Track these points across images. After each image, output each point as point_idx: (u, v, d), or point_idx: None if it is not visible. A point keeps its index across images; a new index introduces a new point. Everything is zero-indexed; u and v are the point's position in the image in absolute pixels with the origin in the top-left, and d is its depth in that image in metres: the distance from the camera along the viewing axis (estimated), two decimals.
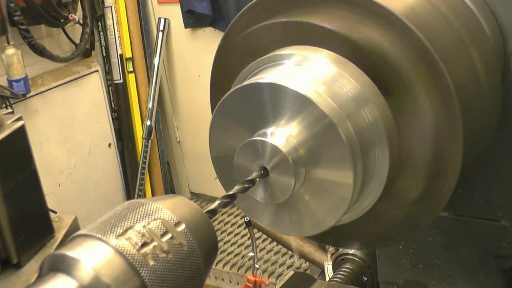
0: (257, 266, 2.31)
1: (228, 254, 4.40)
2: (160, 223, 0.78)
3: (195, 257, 0.79)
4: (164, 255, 0.76)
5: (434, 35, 1.06)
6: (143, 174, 4.87)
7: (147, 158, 4.90)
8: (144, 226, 0.77)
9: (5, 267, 1.74)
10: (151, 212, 0.80)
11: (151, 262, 0.75)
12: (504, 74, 1.29)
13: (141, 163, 4.87)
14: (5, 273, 1.73)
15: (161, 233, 0.78)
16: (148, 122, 4.85)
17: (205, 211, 0.87)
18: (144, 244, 0.76)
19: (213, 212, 0.89)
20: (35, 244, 1.84)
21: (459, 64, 1.10)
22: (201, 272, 0.80)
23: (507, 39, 1.29)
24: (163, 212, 0.80)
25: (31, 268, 1.77)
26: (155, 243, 0.76)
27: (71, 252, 0.73)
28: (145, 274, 0.74)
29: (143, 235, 0.76)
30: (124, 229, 0.76)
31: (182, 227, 0.80)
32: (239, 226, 4.71)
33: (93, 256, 0.73)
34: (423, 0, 1.14)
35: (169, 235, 0.78)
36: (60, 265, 0.73)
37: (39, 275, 0.75)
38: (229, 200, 0.96)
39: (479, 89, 1.14)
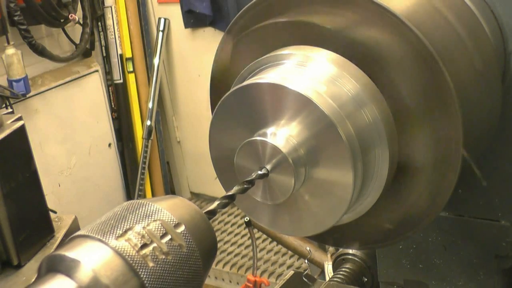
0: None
1: (228, 254, 4.39)
2: (160, 225, 0.78)
3: (194, 259, 0.79)
4: (163, 257, 0.76)
5: (434, 35, 1.06)
6: (143, 174, 4.87)
7: (147, 158, 4.89)
8: (143, 227, 0.77)
9: (5, 267, 1.73)
10: (150, 213, 0.79)
11: (151, 264, 0.75)
12: (504, 74, 1.29)
13: (141, 163, 4.87)
14: (5, 273, 1.73)
15: (161, 234, 0.78)
16: (148, 122, 4.85)
17: (204, 211, 0.87)
18: (144, 246, 0.75)
19: (212, 213, 0.89)
20: (35, 244, 1.83)
21: (459, 64, 1.10)
22: (200, 273, 0.80)
23: (507, 39, 1.29)
24: (163, 213, 0.80)
25: (31, 268, 1.77)
26: (154, 245, 0.76)
27: (70, 252, 0.73)
28: (144, 276, 0.74)
29: (142, 236, 0.76)
30: (124, 230, 0.76)
31: (181, 228, 0.80)
32: (239, 226, 4.71)
33: (92, 257, 0.73)
34: (423, 0, 1.14)
35: (169, 237, 0.78)
36: (59, 266, 0.73)
37: (37, 276, 0.74)
38: (228, 201, 0.96)
39: (479, 89, 1.14)
